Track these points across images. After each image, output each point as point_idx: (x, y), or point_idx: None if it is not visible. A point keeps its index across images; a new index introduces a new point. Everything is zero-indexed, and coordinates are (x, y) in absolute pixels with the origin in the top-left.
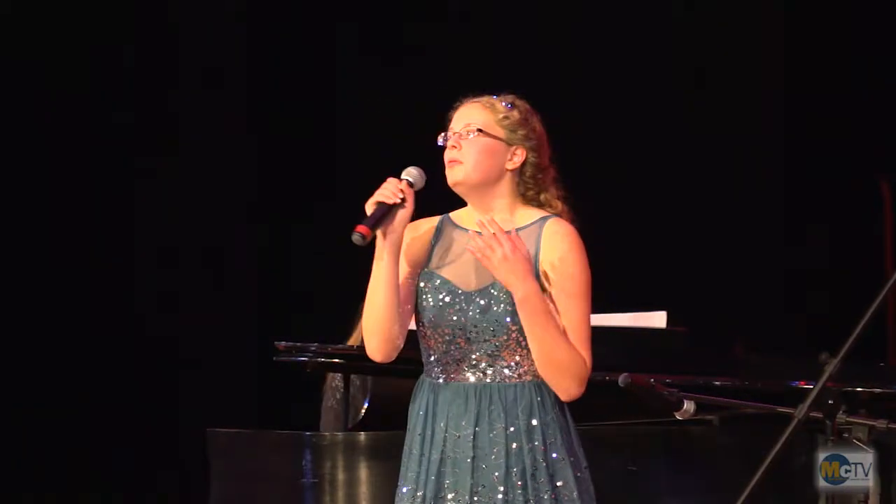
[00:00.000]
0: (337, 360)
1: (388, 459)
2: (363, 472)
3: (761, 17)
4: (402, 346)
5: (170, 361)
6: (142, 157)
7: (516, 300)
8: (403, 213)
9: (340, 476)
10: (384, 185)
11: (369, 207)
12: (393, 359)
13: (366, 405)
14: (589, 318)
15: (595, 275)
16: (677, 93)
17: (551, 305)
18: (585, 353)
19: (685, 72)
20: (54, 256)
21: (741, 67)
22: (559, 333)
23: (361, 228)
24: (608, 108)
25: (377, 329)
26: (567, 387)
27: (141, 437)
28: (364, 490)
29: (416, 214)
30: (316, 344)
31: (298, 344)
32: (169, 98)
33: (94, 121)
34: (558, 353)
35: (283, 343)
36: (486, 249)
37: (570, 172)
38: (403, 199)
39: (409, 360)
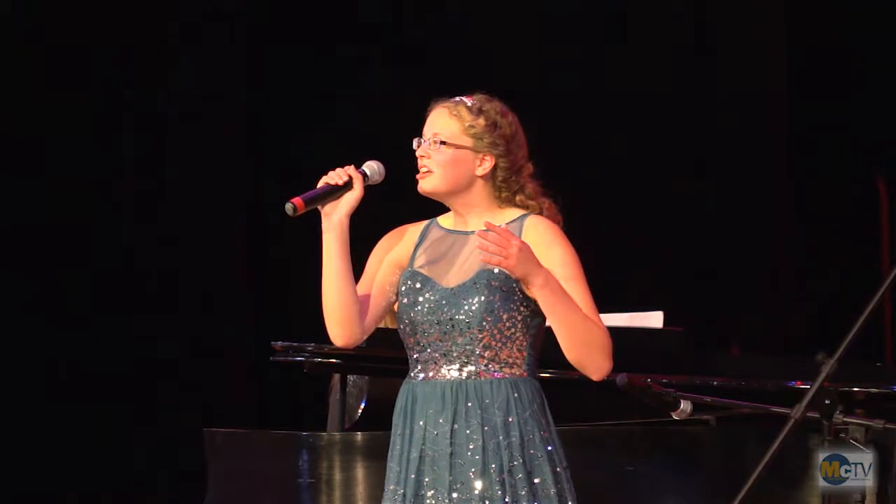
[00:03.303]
0: (333, 360)
1: (384, 460)
2: (360, 472)
3: (763, 17)
4: (364, 335)
5: (168, 361)
6: (140, 156)
7: (538, 286)
8: (349, 197)
9: (337, 476)
10: (336, 169)
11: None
12: (356, 346)
13: (363, 405)
14: (591, 294)
15: (592, 275)
16: (676, 92)
17: None
18: (601, 325)
19: (684, 71)
20: (52, 253)
21: (742, 67)
22: (581, 310)
23: (295, 199)
24: (606, 107)
25: (331, 312)
26: (600, 364)
27: (139, 436)
28: (361, 490)
29: (408, 217)
30: (312, 344)
31: (295, 344)
32: (169, 96)
33: (94, 118)
34: (585, 331)
35: (280, 343)
36: (501, 249)
37: (567, 172)
38: (348, 183)
39: (406, 361)
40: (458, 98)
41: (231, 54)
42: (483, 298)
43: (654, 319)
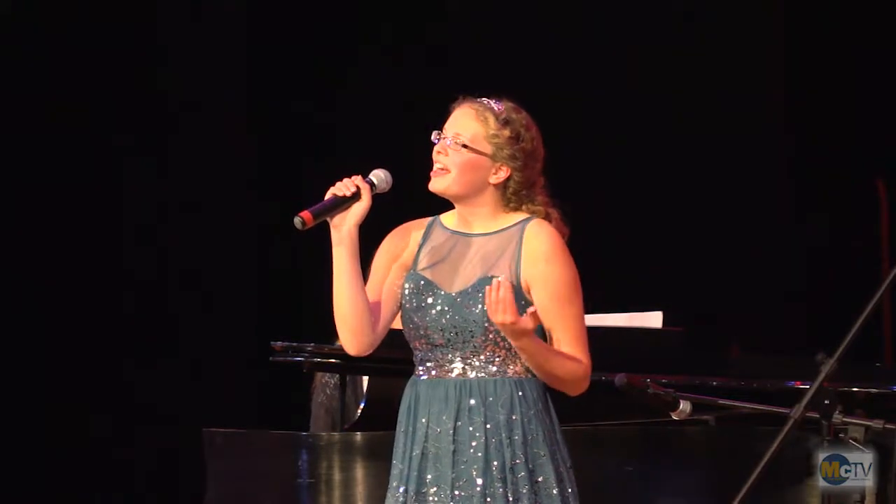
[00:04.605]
0: (333, 361)
1: (384, 460)
2: (359, 473)
3: (763, 17)
4: (377, 341)
5: (168, 361)
6: (137, 157)
7: (521, 350)
8: (357, 207)
9: (336, 476)
10: (344, 180)
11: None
12: (368, 353)
13: (362, 405)
14: (583, 317)
15: (591, 275)
16: (676, 91)
17: (549, 307)
18: (584, 355)
19: (684, 70)
20: (52, 253)
21: (742, 66)
22: (555, 357)
23: (304, 213)
24: (606, 107)
25: (344, 322)
26: (570, 390)
27: (139, 437)
28: (360, 490)
29: (410, 217)
30: (312, 344)
31: (294, 344)
32: (168, 96)
33: (92, 112)
34: (559, 373)
35: (280, 343)
36: (496, 312)
37: (566, 171)
38: (356, 193)
39: (407, 361)
40: (486, 101)
41: (231, 54)
42: (483, 305)
43: (653, 319)
